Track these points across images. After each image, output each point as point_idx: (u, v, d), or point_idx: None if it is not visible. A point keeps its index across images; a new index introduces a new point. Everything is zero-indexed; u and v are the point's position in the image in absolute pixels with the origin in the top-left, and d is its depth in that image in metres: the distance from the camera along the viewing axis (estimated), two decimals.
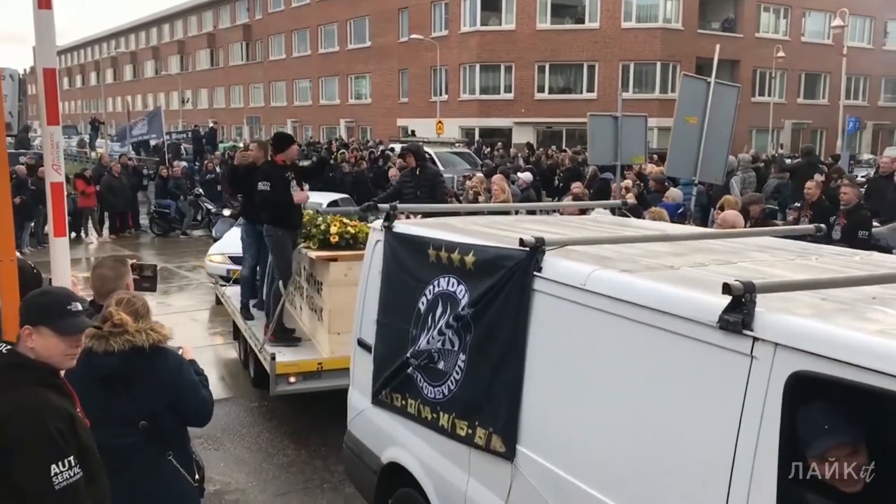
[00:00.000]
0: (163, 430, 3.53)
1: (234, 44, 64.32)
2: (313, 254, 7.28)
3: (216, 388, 8.61)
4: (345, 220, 7.55)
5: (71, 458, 2.72)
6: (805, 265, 3.52)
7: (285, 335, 7.66)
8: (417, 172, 9.71)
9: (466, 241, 3.93)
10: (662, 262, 3.41)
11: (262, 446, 7.20)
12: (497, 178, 12.41)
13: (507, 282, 3.56)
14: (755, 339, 2.54)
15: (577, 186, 11.89)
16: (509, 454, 3.53)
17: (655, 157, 18.83)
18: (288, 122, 55.97)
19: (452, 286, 3.90)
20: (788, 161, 20.08)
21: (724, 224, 7.67)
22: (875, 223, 11.62)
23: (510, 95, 42.32)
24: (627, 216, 5.57)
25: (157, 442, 3.51)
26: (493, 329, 3.65)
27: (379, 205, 4.76)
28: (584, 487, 3.15)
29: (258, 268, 8.80)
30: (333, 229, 7.34)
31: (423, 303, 4.12)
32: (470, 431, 3.76)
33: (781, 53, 37.03)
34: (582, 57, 40.90)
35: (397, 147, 24.73)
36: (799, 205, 10.80)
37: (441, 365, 3.97)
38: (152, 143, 27.55)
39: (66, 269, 3.58)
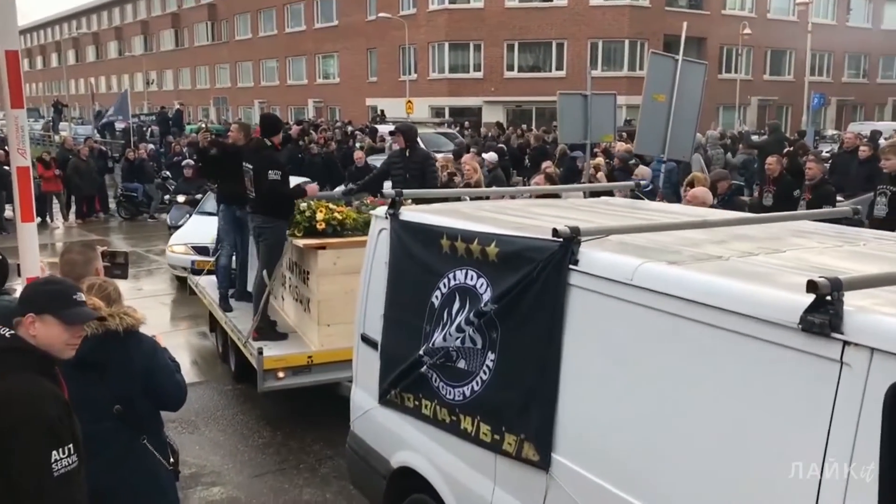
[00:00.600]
0: (137, 415, 3.51)
1: (198, 24, 63.34)
2: (300, 242, 6.90)
3: (189, 373, 8.61)
4: (331, 205, 7.18)
5: (70, 445, 2.73)
6: (858, 252, 3.23)
7: (270, 329, 7.28)
8: (407, 154, 9.28)
9: (487, 231, 3.60)
10: (707, 252, 3.12)
11: (238, 429, 7.20)
12: (468, 157, 12.39)
13: (539, 276, 3.24)
14: (846, 342, 2.23)
15: (547, 166, 11.92)
16: (544, 463, 3.24)
17: (625, 134, 18.96)
18: (255, 102, 55.37)
19: (472, 279, 3.60)
20: (755, 138, 20.31)
21: (694, 201, 7.75)
22: (839, 198, 11.83)
23: (479, 74, 42.23)
24: (641, 198, 5.21)
25: (131, 427, 3.50)
26: (522, 327, 3.34)
27: (384, 191, 4.58)
28: (632, 502, 2.86)
29: (234, 256, 8.53)
30: (319, 216, 6.94)
31: (436, 297, 3.80)
32: (497, 437, 3.45)
33: (748, 30, 37.28)
34: (551, 35, 40.89)
35: (381, 128, 24.19)
36: (762, 180, 10.95)
37: (461, 364, 3.67)
38: (119, 126, 27.14)
39: (34, 254, 3.54)
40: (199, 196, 14.87)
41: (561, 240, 3.15)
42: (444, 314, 3.74)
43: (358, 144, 21.26)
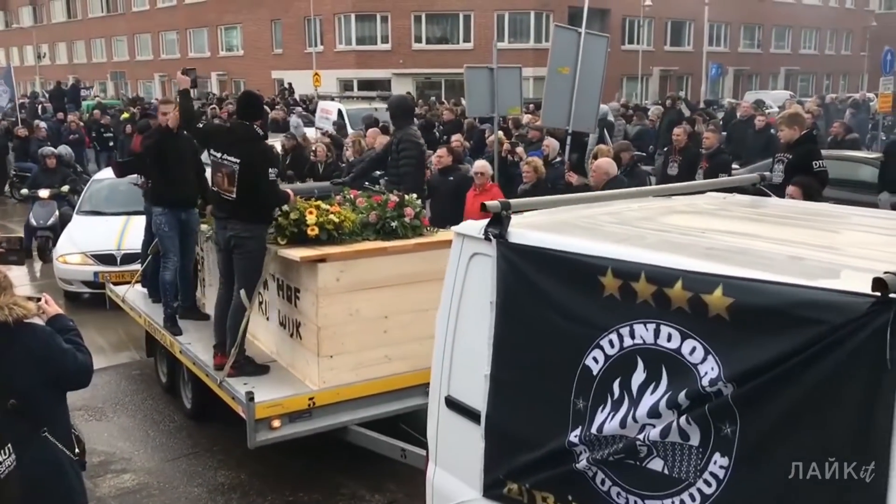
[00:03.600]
0: (35, 409, 3.38)
1: None
2: (290, 253, 5.44)
3: (95, 359, 8.27)
4: (322, 204, 5.75)
5: (9, 444, 2.63)
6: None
7: (248, 363, 5.87)
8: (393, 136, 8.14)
9: (697, 268, 2.50)
10: None
11: (147, 414, 7.06)
12: (372, 131, 12.34)
13: (832, 349, 2.18)
14: None
15: (456, 140, 11.98)
16: None
17: (532, 106, 19.19)
18: (155, 76, 53.38)
19: (672, 342, 2.53)
20: (653, 108, 20.84)
21: (598, 171, 7.97)
22: (735, 165, 12.35)
23: (387, 46, 41.87)
24: (767, 194, 4.12)
25: (29, 420, 3.37)
26: (795, 426, 2.28)
27: (487, 203, 3.14)
28: None
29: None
30: (311, 218, 5.52)
31: (595, 360, 2.76)
32: None
33: (648, 2, 38.16)
34: (457, 6, 40.86)
35: (329, 105, 22.38)
36: (666, 149, 11.30)
37: (658, 466, 2.59)
38: (4, 103, 25.74)
39: None
40: (63, 189, 12.90)
41: (878, 295, 2.09)
42: (613, 387, 2.71)
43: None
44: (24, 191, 13.78)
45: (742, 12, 49.15)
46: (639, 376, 2.62)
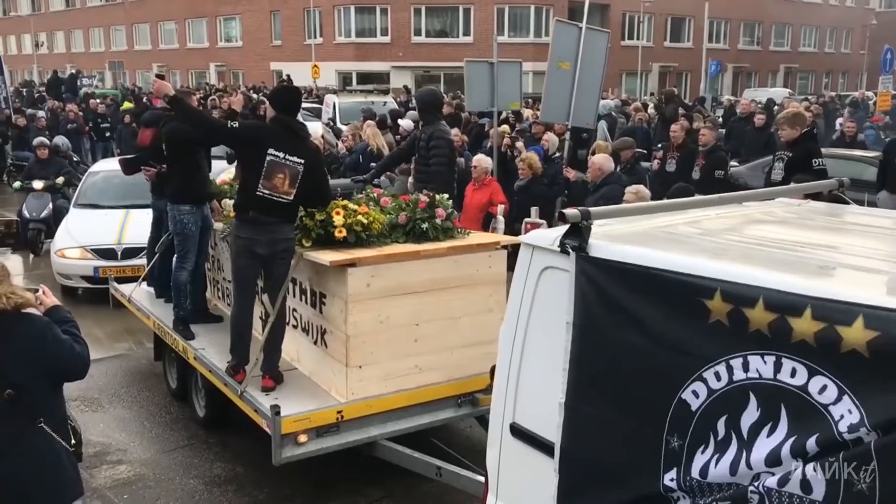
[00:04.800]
0: (31, 399, 3.38)
1: None
2: (319, 256, 5.12)
3: (92, 349, 8.28)
4: (350, 203, 5.39)
5: None
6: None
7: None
8: (420, 132, 7.79)
9: (824, 294, 2.18)
10: None
11: (144, 405, 7.05)
12: (368, 124, 12.36)
13: None
14: None
15: (455, 134, 11.97)
16: None
17: (531, 101, 19.19)
18: (154, 66, 53.11)
19: (798, 378, 2.20)
20: (652, 104, 20.83)
21: (593, 167, 7.97)
22: (734, 162, 12.36)
23: (387, 39, 41.80)
24: (846, 201, 3.78)
25: (25, 410, 3.36)
26: None
27: (566, 211, 2.82)
28: None
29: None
30: (338, 220, 5.21)
31: (695, 394, 2.43)
32: None
33: None
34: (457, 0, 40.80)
35: (328, 99, 21.69)
36: (662, 146, 11.30)
37: None
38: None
39: None
40: (58, 181, 12.46)
41: None
42: (718, 426, 2.37)
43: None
44: (17, 184, 13.23)
45: (742, 9, 49.12)
46: (751, 415, 2.28)
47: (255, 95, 26.21)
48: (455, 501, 5.23)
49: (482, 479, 4.49)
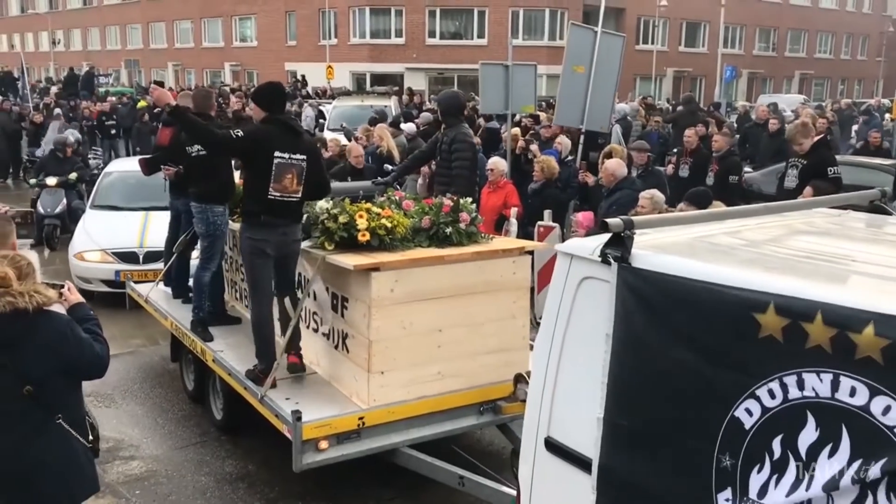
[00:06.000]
0: (50, 395, 3.41)
1: None
2: (343, 260, 5.01)
3: None
4: (373, 206, 5.32)
5: None
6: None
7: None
8: (442, 134, 7.68)
9: (887, 310, 2.09)
10: None
11: (157, 402, 7.09)
12: (379, 127, 12.39)
13: None
14: None
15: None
16: None
17: (544, 104, 19.16)
18: (169, 65, 53.51)
19: (858, 398, 2.11)
20: (668, 108, 20.77)
21: (606, 172, 7.97)
22: (748, 168, 12.32)
23: (401, 40, 41.85)
24: (888, 212, 3.65)
25: (44, 407, 3.40)
26: None
27: (609, 220, 2.76)
28: None
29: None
30: (361, 223, 5.10)
31: (748, 412, 2.34)
32: None
33: (664, 2, 38.02)
34: (472, 2, 40.83)
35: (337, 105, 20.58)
36: (676, 151, 11.28)
37: None
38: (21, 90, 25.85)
39: None
40: (71, 178, 12.47)
41: None
42: (773, 446, 2.28)
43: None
44: (33, 180, 13.25)
45: (758, 15, 48.93)
46: (808, 435, 2.20)
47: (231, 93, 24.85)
48: (466, 502, 5.24)
49: (507, 489, 4.53)
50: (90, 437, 3.65)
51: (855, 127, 19.69)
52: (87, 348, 3.50)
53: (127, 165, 11.33)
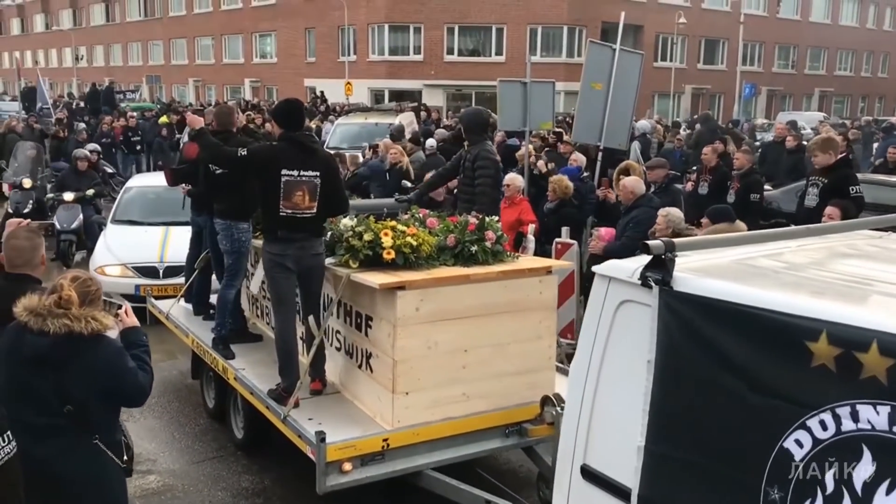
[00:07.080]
0: (89, 416, 3.45)
1: None
2: (368, 279, 4.92)
3: None
4: (399, 224, 5.27)
5: (8, 432, 2.68)
6: None
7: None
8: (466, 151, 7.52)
9: None
10: None
11: (174, 416, 7.12)
12: (385, 142, 12.45)
13: None
14: None
15: None
16: None
17: (566, 122, 19.18)
18: (190, 81, 54.09)
19: None
20: (685, 128, 20.71)
21: (624, 190, 7.93)
22: (768, 187, 12.25)
23: (420, 57, 42.11)
24: None
25: (81, 427, 3.44)
26: None
27: (649, 242, 2.70)
28: None
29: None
30: (387, 241, 5.02)
31: (798, 444, 2.25)
32: None
33: (683, 19, 38.05)
34: (491, 19, 41.01)
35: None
36: (696, 168, 11.24)
37: None
38: (43, 106, 26.19)
39: None
40: (88, 193, 12.30)
41: None
42: (826, 480, 2.20)
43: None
44: (49, 195, 13.05)
45: (777, 32, 48.84)
46: (864, 470, 2.10)
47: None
48: None
49: None
50: (125, 458, 3.69)
51: (875, 145, 19.53)
52: (130, 378, 3.52)
53: (148, 180, 11.39)
